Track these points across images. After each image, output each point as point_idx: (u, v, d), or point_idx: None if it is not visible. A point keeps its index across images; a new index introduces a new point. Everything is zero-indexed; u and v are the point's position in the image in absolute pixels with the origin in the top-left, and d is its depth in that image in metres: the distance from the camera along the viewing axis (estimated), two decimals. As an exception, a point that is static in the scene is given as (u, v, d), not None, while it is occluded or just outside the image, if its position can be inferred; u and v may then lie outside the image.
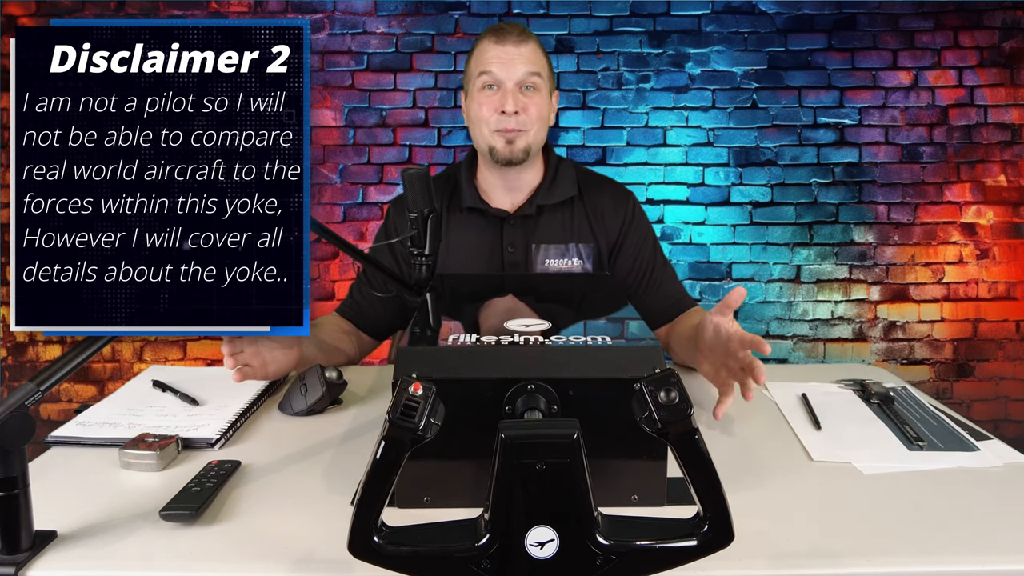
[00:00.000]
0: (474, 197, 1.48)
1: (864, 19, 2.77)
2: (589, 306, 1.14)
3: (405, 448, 0.62)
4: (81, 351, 0.72)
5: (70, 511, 0.79)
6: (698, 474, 0.62)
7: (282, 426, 1.07)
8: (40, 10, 2.71)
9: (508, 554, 0.60)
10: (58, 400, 2.82)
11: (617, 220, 1.49)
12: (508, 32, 1.40)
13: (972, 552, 0.72)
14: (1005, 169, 2.79)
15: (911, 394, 1.18)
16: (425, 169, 1.15)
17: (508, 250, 1.47)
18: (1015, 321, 2.83)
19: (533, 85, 1.40)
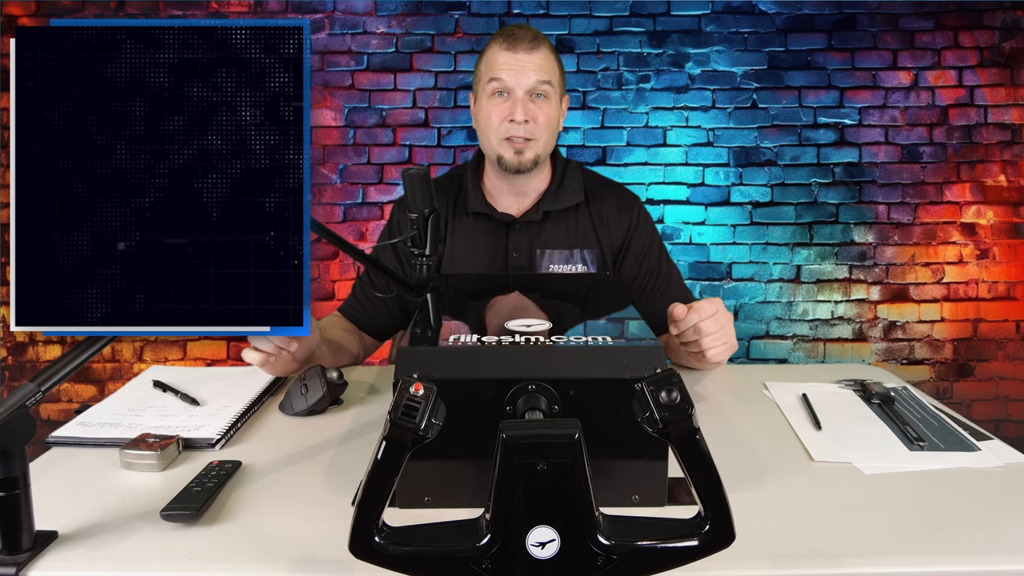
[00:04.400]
0: (480, 202, 1.47)
1: (864, 19, 2.77)
2: (594, 305, 1.14)
3: (406, 448, 0.62)
4: (81, 351, 0.72)
5: (71, 511, 0.79)
6: (699, 474, 0.62)
7: (283, 426, 1.07)
8: (40, 10, 2.71)
9: (509, 554, 0.60)
10: (58, 400, 2.82)
11: (622, 226, 1.49)
12: (520, 38, 1.37)
13: (972, 552, 0.72)
14: (1005, 169, 2.79)
15: (912, 394, 1.18)
16: (425, 169, 1.15)
17: (513, 254, 1.46)
18: (1015, 321, 2.83)
19: (543, 93, 1.39)
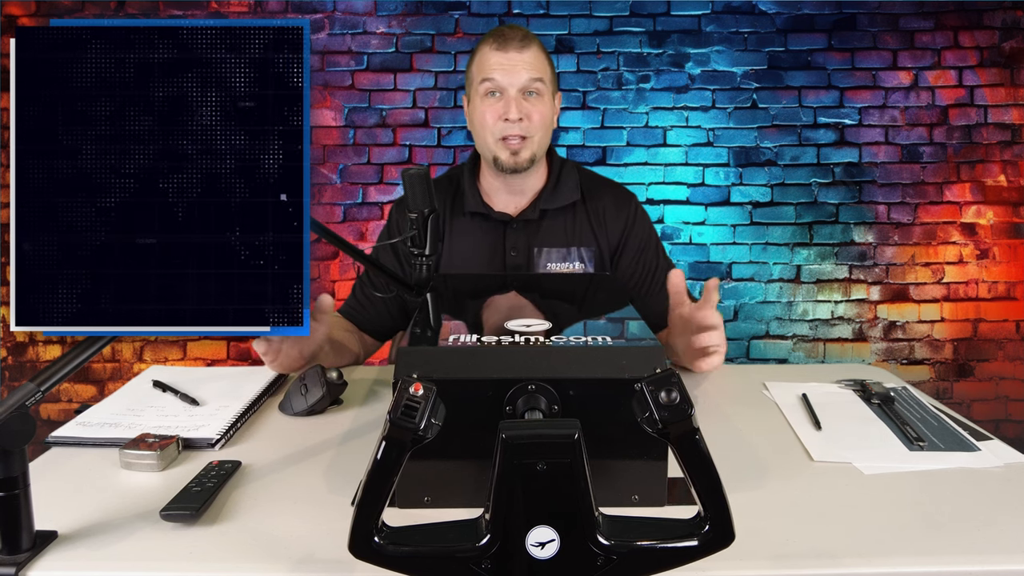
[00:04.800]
0: (477, 201, 1.48)
1: (864, 19, 2.77)
2: (592, 304, 1.14)
3: (406, 448, 0.62)
4: (81, 351, 0.72)
5: (71, 511, 0.79)
6: (699, 474, 0.62)
7: (282, 426, 1.07)
8: (40, 10, 2.71)
9: (509, 554, 0.60)
10: (58, 400, 2.82)
11: (619, 224, 1.49)
12: (510, 38, 1.39)
13: (972, 552, 0.72)
14: (1005, 169, 2.79)
15: (911, 394, 1.18)
16: (425, 169, 1.15)
17: (511, 254, 1.47)
18: (1015, 321, 2.83)
19: (536, 91, 1.40)
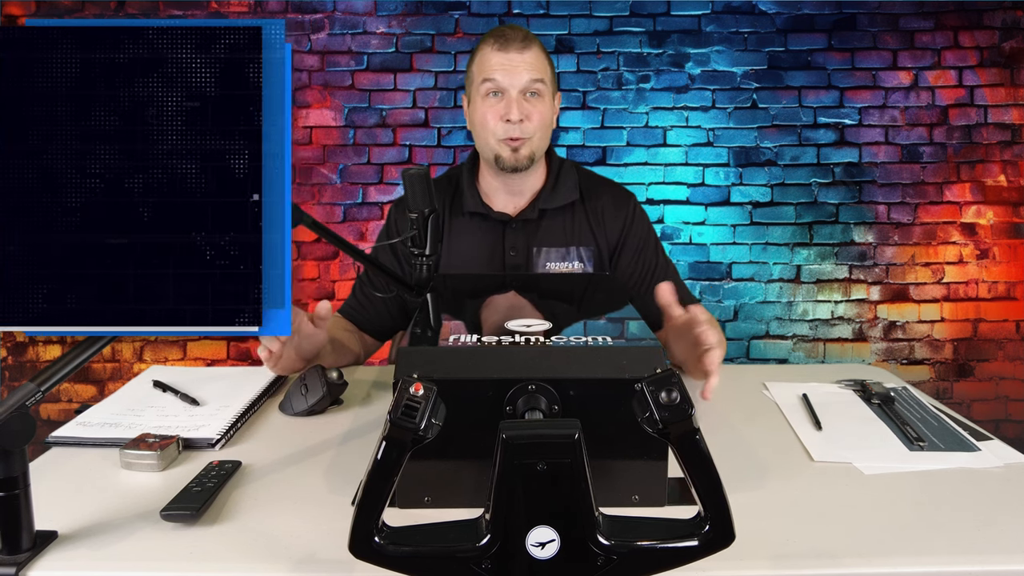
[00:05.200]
0: (476, 201, 1.48)
1: (864, 19, 2.77)
2: (591, 304, 1.14)
3: (406, 448, 0.62)
4: (81, 351, 0.72)
5: (71, 511, 0.79)
6: (699, 474, 0.62)
7: (283, 426, 1.07)
8: (40, 10, 2.71)
9: (509, 554, 0.60)
10: (58, 400, 2.82)
11: (618, 223, 1.49)
12: (511, 38, 1.39)
13: (972, 552, 0.72)
14: (1005, 169, 2.79)
15: (911, 394, 1.18)
16: (425, 169, 1.15)
17: (510, 253, 1.47)
18: (1015, 321, 2.83)
19: (537, 91, 1.40)
